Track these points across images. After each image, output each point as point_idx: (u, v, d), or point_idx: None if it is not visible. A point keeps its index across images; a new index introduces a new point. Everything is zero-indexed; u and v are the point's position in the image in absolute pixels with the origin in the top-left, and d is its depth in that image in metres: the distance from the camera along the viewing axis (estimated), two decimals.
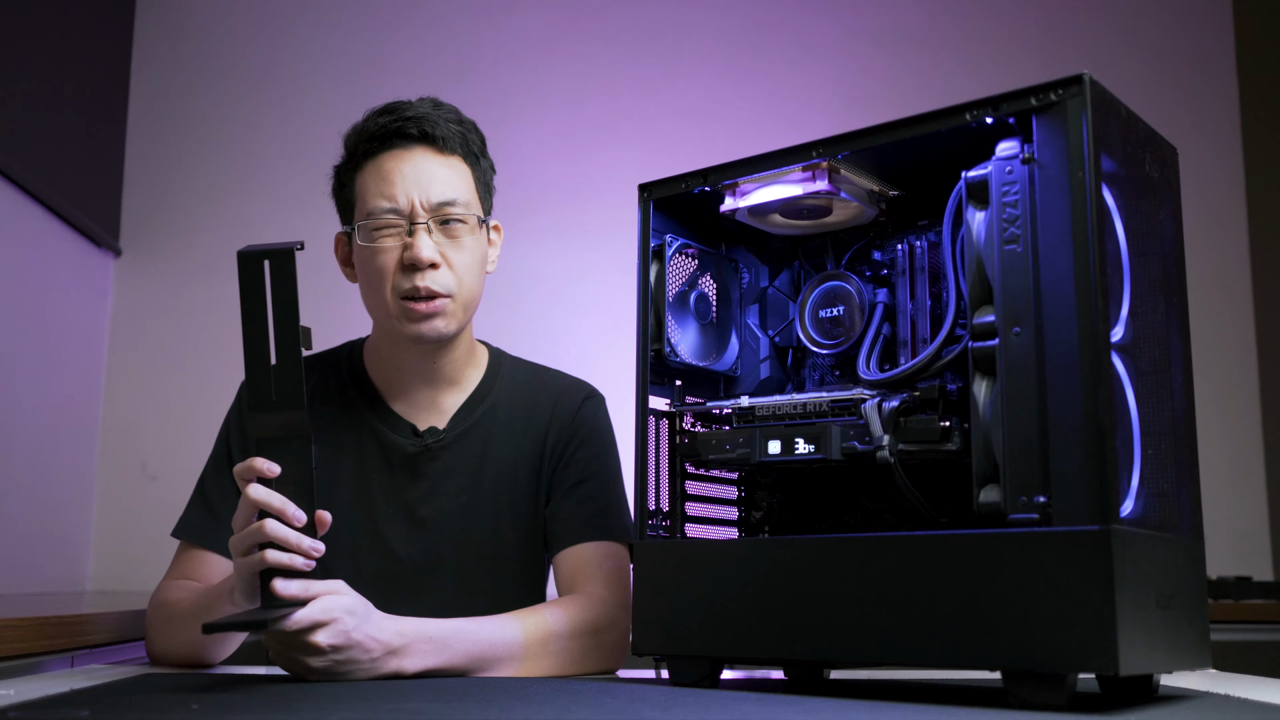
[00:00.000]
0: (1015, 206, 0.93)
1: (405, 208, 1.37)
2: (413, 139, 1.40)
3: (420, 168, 1.39)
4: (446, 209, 1.38)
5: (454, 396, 1.48)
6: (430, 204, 1.37)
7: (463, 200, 1.40)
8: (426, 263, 1.35)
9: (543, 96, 3.08)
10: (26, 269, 2.51)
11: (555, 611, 1.27)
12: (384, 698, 0.93)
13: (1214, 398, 2.91)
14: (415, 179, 1.38)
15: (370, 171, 1.40)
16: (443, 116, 1.42)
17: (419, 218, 1.37)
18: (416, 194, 1.37)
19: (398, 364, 1.46)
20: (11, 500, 2.42)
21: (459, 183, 1.40)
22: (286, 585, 1.04)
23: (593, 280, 2.96)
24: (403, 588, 1.40)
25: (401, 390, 1.47)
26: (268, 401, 1.04)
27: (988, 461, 0.93)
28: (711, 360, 1.21)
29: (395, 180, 1.38)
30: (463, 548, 1.42)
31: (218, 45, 3.09)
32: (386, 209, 1.37)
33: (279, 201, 2.98)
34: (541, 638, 1.23)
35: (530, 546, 1.45)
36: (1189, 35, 3.23)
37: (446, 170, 1.40)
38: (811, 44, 3.18)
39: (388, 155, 1.39)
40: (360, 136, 1.42)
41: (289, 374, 1.04)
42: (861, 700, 0.97)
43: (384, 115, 1.41)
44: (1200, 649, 0.97)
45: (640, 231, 1.16)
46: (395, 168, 1.38)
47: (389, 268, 1.37)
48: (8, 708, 0.83)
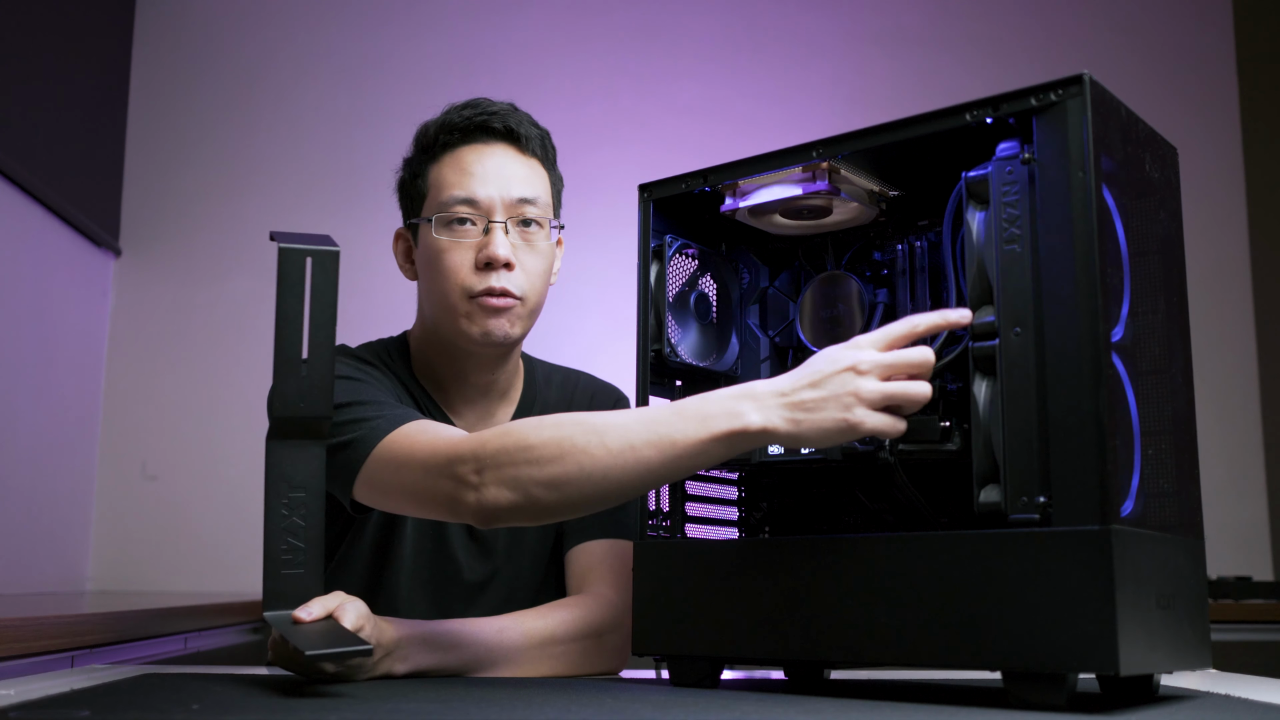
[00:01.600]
0: (1015, 206, 0.93)
1: (484, 201, 1.34)
2: (496, 134, 1.37)
3: (501, 164, 1.36)
4: (525, 207, 1.35)
5: (505, 409, 1.46)
6: (510, 200, 1.35)
7: (541, 201, 1.38)
8: (502, 261, 1.32)
9: (543, 96, 3.07)
10: (26, 269, 2.51)
11: (559, 614, 1.26)
12: (384, 698, 0.93)
13: (1214, 398, 2.91)
14: (496, 173, 1.35)
15: (449, 163, 1.37)
16: (525, 118, 1.40)
17: (496, 214, 1.34)
18: (496, 188, 1.34)
19: (456, 374, 1.41)
20: (11, 500, 2.42)
21: (538, 183, 1.39)
22: (309, 610, 1.01)
23: (593, 280, 2.96)
24: (459, 596, 1.40)
25: (457, 401, 1.43)
26: (294, 404, 1.01)
27: (988, 461, 0.93)
28: (712, 360, 1.21)
29: (476, 172, 1.35)
30: (514, 560, 1.42)
31: (217, 45, 3.09)
32: (464, 199, 1.34)
33: (279, 201, 2.99)
34: (541, 641, 1.22)
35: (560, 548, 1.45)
36: (1189, 35, 3.23)
37: (527, 170, 1.38)
38: (811, 44, 3.18)
39: (468, 149, 1.37)
40: (442, 129, 1.38)
41: (320, 378, 1.02)
42: (861, 700, 0.97)
43: (468, 109, 1.38)
44: (1200, 649, 0.97)
45: (640, 231, 1.16)
46: (476, 160, 1.36)
47: (461, 265, 1.33)
48: (8, 708, 0.83)
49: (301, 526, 1.03)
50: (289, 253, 1.01)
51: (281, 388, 1.01)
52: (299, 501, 1.03)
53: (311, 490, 1.03)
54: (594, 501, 1.06)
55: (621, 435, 1.03)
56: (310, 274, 1.01)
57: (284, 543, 1.03)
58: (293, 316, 1.01)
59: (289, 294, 1.01)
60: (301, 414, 1.02)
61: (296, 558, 1.03)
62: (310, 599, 1.03)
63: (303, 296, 1.01)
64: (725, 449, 1.01)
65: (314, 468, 1.03)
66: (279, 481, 1.03)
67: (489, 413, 1.44)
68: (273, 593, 1.03)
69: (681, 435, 1.01)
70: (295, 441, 1.03)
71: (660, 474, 1.03)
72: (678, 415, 1.03)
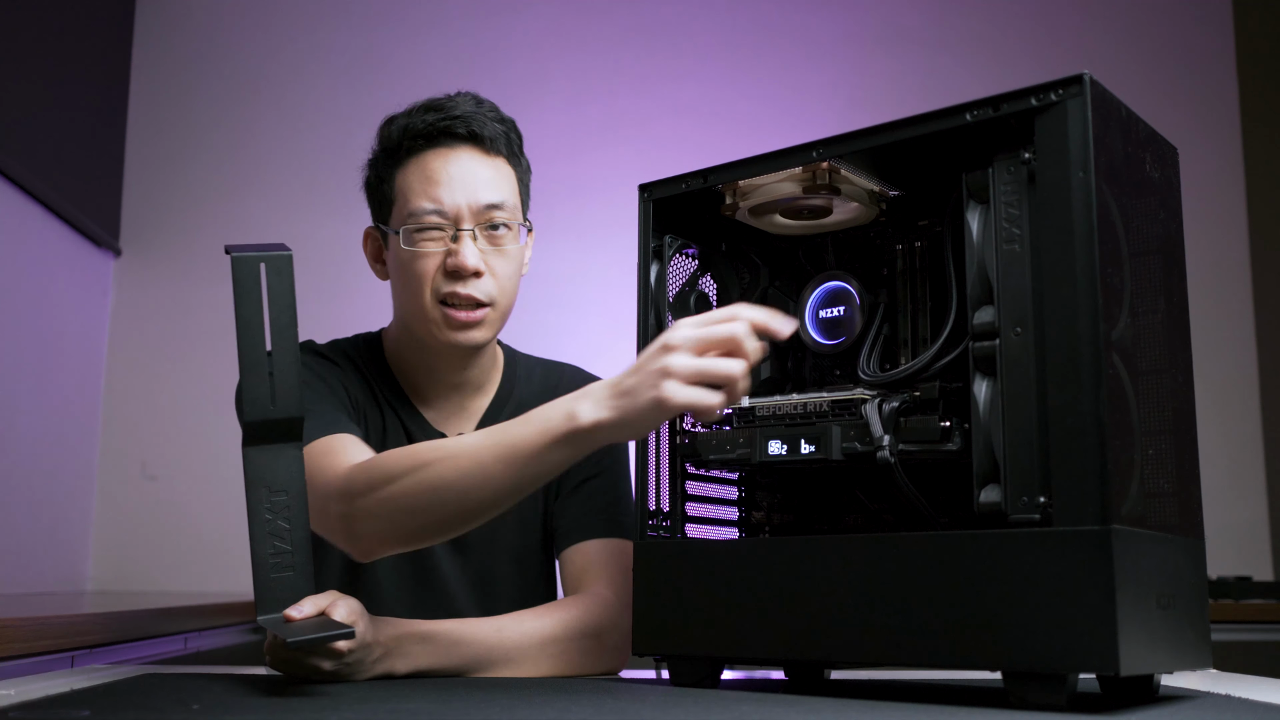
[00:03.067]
0: (1015, 206, 0.93)
1: (451, 210, 1.34)
2: (460, 138, 1.37)
3: (466, 169, 1.36)
4: (493, 212, 1.35)
5: (479, 401, 1.46)
6: (477, 206, 1.35)
7: (509, 204, 1.38)
8: (471, 270, 1.33)
9: (543, 96, 3.08)
10: (26, 269, 2.51)
11: (557, 615, 1.26)
12: (384, 698, 0.93)
13: (1214, 398, 2.91)
14: (462, 181, 1.35)
15: (414, 170, 1.37)
16: (487, 115, 1.39)
17: (464, 223, 1.34)
18: (463, 196, 1.35)
19: (427, 368, 1.43)
20: (11, 500, 2.42)
21: (504, 185, 1.38)
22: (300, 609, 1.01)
23: (593, 280, 2.96)
24: (435, 588, 1.40)
25: (430, 395, 1.45)
26: (265, 407, 1.02)
27: (988, 461, 0.93)
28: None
29: (441, 181, 1.35)
30: (488, 553, 1.42)
31: (218, 45, 3.09)
32: (431, 210, 1.34)
33: (279, 201, 2.99)
34: (540, 641, 1.22)
35: (547, 549, 1.46)
36: (1189, 35, 3.23)
37: (492, 172, 1.38)
38: (811, 44, 3.18)
39: (433, 154, 1.37)
40: (405, 133, 1.38)
41: (288, 380, 1.02)
42: (861, 700, 0.97)
43: (430, 112, 1.38)
44: (1201, 649, 0.97)
45: (640, 231, 1.16)
46: (441, 168, 1.36)
47: (430, 272, 1.34)
48: (8, 708, 0.83)
49: (287, 529, 1.04)
50: (242, 260, 1.02)
51: (251, 394, 1.02)
52: (281, 504, 1.04)
53: (293, 492, 1.04)
54: (456, 522, 1.10)
55: (471, 453, 1.06)
56: (265, 279, 1.02)
57: (271, 546, 1.03)
58: (253, 323, 1.02)
59: (246, 300, 1.02)
60: (274, 416, 1.03)
61: (284, 560, 1.04)
62: (304, 590, 1.04)
63: (260, 302, 1.02)
64: (567, 451, 1.04)
65: (293, 469, 1.04)
66: (259, 487, 1.03)
67: (462, 406, 1.45)
68: (265, 597, 1.03)
69: (523, 442, 1.05)
70: (271, 445, 1.04)
71: (509, 486, 1.06)
72: (523, 423, 1.07)
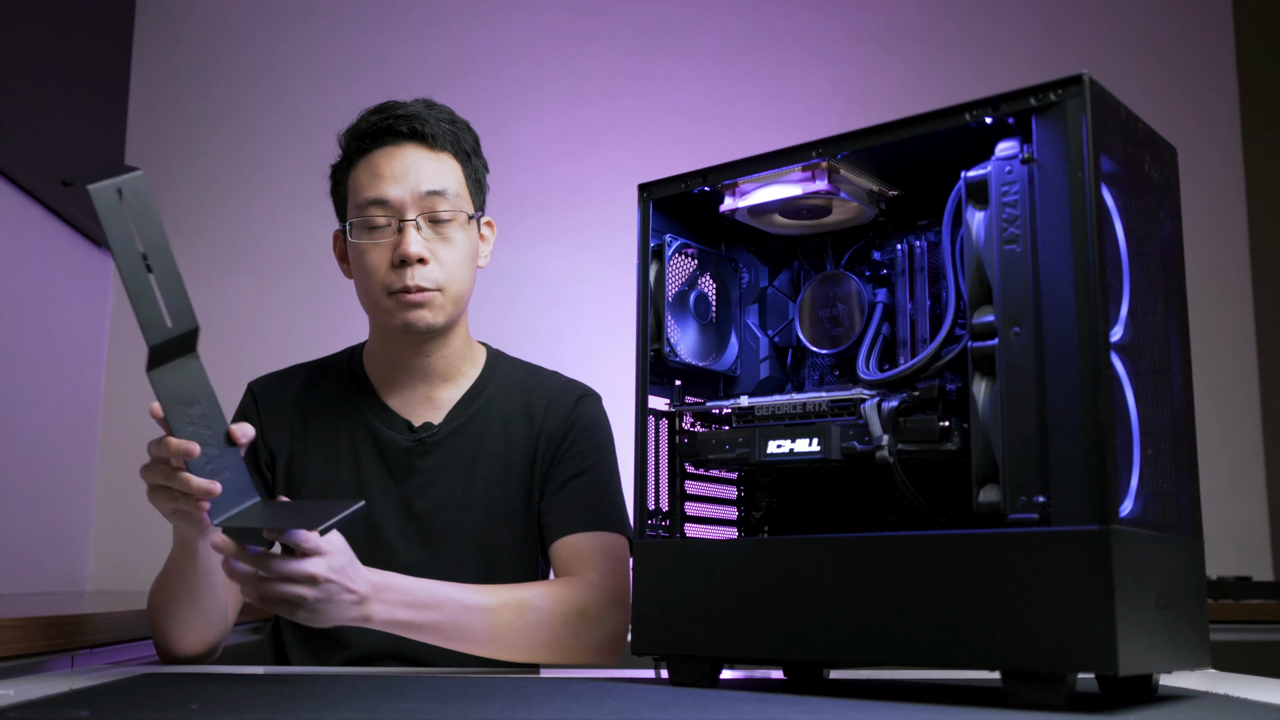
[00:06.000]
0: (1015, 206, 0.93)
1: (395, 201, 1.40)
2: (403, 136, 1.42)
3: (409, 163, 1.41)
4: (434, 200, 1.40)
5: (449, 392, 1.50)
6: (418, 194, 1.40)
7: (451, 193, 1.42)
8: (415, 258, 1.38)
9: (543, 96, 3.08)
10: (26, 269, 2.51)
11: (536, 589, 1.31)
12: (384, 698, 0.93)
13: (1214, 398, 2.91)
14: (404, 172, 1.41)
15: (362, 168, 1.43)
16: (434, 115, 1.45)
17: (407, 213, 1.39)
18: (405, 187, 1.40)
19: (392, 359, 1.48)
20: (11, 500, 2.42)
21: (448, 177, 1.43)
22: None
23: (593, 280, 2.96)
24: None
25: (397, 385, 1.49)
26: (163, 328, 1.04)
27: (987, 461, 0.93)
28: (711, 360, 1.21)
29: (385, 175, 1.41)
30: (456, 542, 1.44)
31: (218, 45, 3.09)
32: (375, 200, 1.40)
33: (279, 201, 2.98)
34: (518, 605, 1.27)
35: (525, 544, 1.46)
36: (1189, 35, 3.22)
37: (435, 165, 1.43)
38: (811, 44, 3.18)
39: (379, 152, 1.43)
40: (353, 135, 1.45)
41: (176, 296, 1.04)
42: (861, 700, 0.97)
43: (376, 114, 1.45)
44: (1200, 649, 0.97)
45: (640, 231, 1.17)
46: (385, 163, 1.41)
47: (380, 264, 1.40)
48: (8, 708, 0.83)
49: (210, 434, 1.09)
50: (100, 190, 1.03)
51: (146, 319, 1.03)
52: (199, 415, 1.08)
53: (205, 399, 1.08)
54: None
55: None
56: (126, 203, 1.04)
57: (203, 457, 1.08)
58: (129, 249, 1.03)
59: (116, 228, 1.03)
60: (173, 334, 1.05)
61: (219, 463, 1.09)
62: (247, 488, 1.10)
63: (128, 226, 1.04)
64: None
65: (199, 378, 1.08)
66: (174, 404, 1.07)
67: (429, 396, 1.49)
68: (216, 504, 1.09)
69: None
70: (172, 363, 1.07)
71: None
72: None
